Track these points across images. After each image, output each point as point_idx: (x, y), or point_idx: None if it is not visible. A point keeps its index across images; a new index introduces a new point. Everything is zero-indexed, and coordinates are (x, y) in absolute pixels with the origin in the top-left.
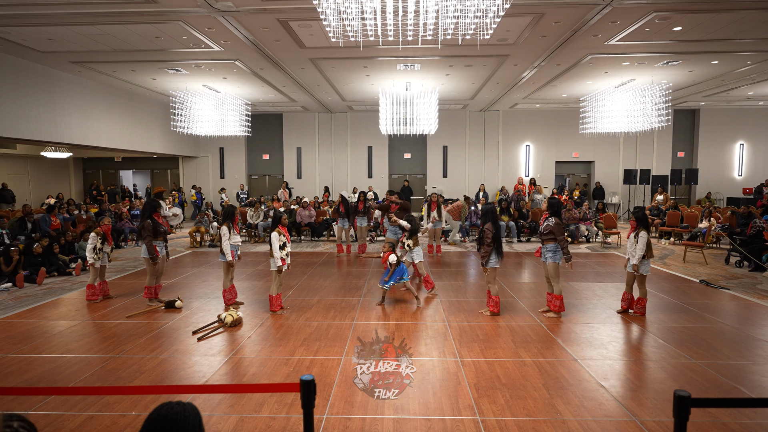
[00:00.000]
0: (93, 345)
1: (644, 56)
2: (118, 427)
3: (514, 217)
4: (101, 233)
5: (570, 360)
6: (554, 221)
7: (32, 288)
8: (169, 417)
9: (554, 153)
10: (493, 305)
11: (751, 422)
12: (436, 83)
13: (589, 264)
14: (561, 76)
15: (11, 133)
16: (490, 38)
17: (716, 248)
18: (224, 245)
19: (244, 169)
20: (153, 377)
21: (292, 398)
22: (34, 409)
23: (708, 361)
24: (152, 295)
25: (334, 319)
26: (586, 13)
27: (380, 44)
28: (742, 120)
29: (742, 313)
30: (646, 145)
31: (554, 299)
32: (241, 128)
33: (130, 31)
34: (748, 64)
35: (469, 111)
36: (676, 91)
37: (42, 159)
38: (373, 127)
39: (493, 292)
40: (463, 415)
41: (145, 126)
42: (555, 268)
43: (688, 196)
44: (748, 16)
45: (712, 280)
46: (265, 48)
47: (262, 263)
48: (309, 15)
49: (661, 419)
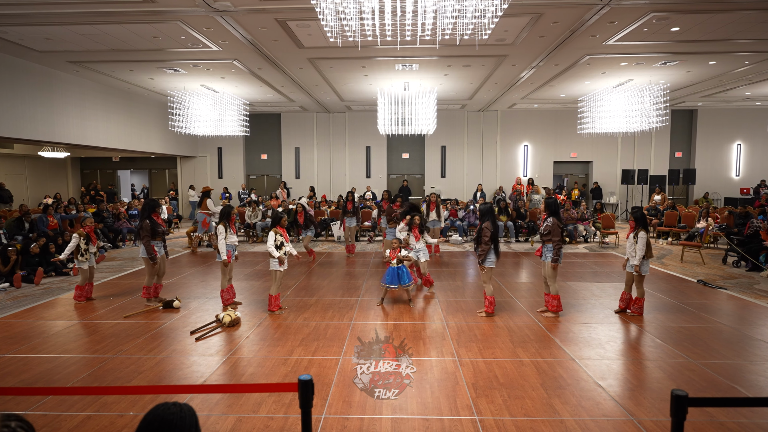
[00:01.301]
0: (90, 345)
1: (642, 56)
2: (116, 427)
3: (513, 217)
4: (84, 234)
5: (568, 360)
6: (552, 221)
7: (30, 288)
8: (165, 418)
9: (552, 153)
10: (487, 305)
11: (748, 422)
12: (435, 83)
13: (587, 264)
14: (559, 76)
15: (8, 133)
16: (489, 38)
17: (714, 248)
18: (220, 244)
19: (242, 169)
20: (151, 377)
21: (290, 398)
22: (31, 409)
23: (705, 361)
24: (150, 294)
25: (332, 319)
26: (584, 13)
27: (378, 44)
28: (740, 120)
29: (740, 313)
30: (644, 145)
31: (551, 299)
32: (239, 128)
33: (128, 30)
34: (746, 64)
35: (468, 111)
36: (673, 92)
37: (39, 159)
38: (372, 127)
39: (488, 292)
40: (461, 415)
41: (143, 126)
42: (554, 269)
43: (685, 196)
44: (745, 16)
45: (710, 280)
46: (264, 48)
47: (260, 263)
48: (307, 15)
49: (658, 419)
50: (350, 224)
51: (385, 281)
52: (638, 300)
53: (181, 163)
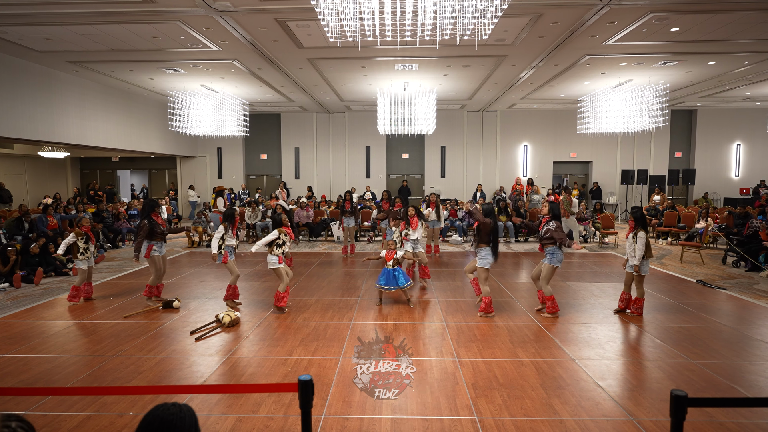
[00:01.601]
0: (90, 345)
1: (642, 57)
2: (116, 427)
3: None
4: (82, 233)
5: (567, 360)
6: (555, 225)
7: (29, 288)
8: (165, 419)
9: (552, 153)
10: (483, 306)
11: (747, 422)
12: (434, 83)
13: (587, 264)
14: (559, 76)
15: (8, 133)
16: (488, 38)
17: (713, 248)
18: (213, 241)
19: (242, 169)
20: (150, 377)
21: (290, 398)
22: (31, 409)
23: (705, 361)
24: (152, 294)
25: (332, 319)
26: (583, 13)
27: (378, 44)
28: (739, 120)
29: (739, 313)
30: (644, 145)
31: (547, 301)
32: (239, 128)
33: (128, 30)
34: (745, 64)
35: (467, 111)
36: (673, 92)
37: (39, 159)
38: (371, 127)
39: (484, 293)
40: (460, 415)
41: (142, 126)
42: (549, 271)
43: (685, 197)
44: (745, 17)
45: (709, 280)
46: (263, 48)
47: (260, 263)
48: (307, 15)
49: (658, 419)
50: (348, 224)
51: (379, 283)
52: (638, 300)
53: (181, 163)
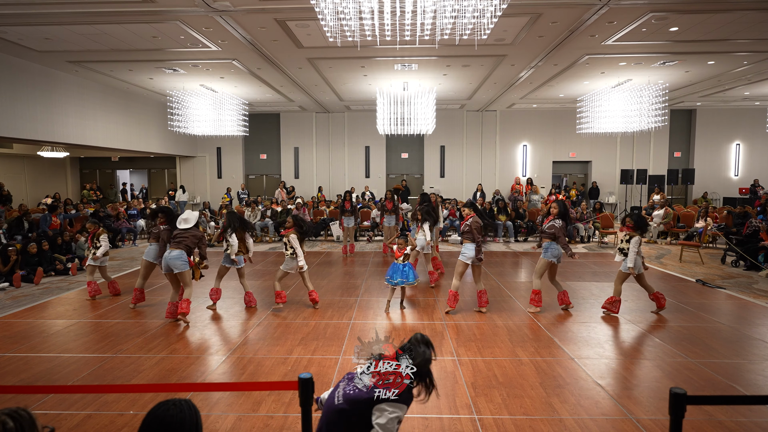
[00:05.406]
0: (90, 344)
1: (641, 56)
2: (116, 426)
3: (511, 217)
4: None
5: (567, 359)
6: (561, 224)
7: (29, 287)
8: (166, 417)
9: (551, 153)
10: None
11: (746, 420)
12: (434, 83)
13: (586, 264)
14: (558, 76)
15: (8, 133)
16: (488, 38)
17: (712, 248)
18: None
19: (241, 169)
20: (151, 376)
21: (290, 397)
22: (32, 408)
23: (704, 360)
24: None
25: (331, 318)
26: (583, 13)
27: (378, 44)
28: (739, 120)
29: (738, 313)
30: (643, 145)
31: (533, 294)
32: (238, 128)
33: (128, 30)
34: (745, 64)
35: (467, 111)
36: (672, 92)
37: (39, 159)
38: (371, 126)
39: (453, 286)
40: (460, 414)
41: (142, 126)
42: (543, 265)
43: (684, 196)
44: (744, 16)
45: (709, 280)
46: (263, 48)
47: (259, 263)
48: (306, 15)
49: (657, 417)
50: (348, 224)
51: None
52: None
53: (180, 163)
